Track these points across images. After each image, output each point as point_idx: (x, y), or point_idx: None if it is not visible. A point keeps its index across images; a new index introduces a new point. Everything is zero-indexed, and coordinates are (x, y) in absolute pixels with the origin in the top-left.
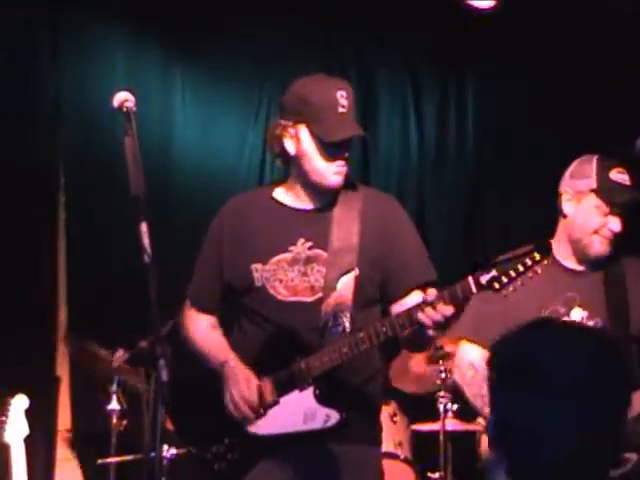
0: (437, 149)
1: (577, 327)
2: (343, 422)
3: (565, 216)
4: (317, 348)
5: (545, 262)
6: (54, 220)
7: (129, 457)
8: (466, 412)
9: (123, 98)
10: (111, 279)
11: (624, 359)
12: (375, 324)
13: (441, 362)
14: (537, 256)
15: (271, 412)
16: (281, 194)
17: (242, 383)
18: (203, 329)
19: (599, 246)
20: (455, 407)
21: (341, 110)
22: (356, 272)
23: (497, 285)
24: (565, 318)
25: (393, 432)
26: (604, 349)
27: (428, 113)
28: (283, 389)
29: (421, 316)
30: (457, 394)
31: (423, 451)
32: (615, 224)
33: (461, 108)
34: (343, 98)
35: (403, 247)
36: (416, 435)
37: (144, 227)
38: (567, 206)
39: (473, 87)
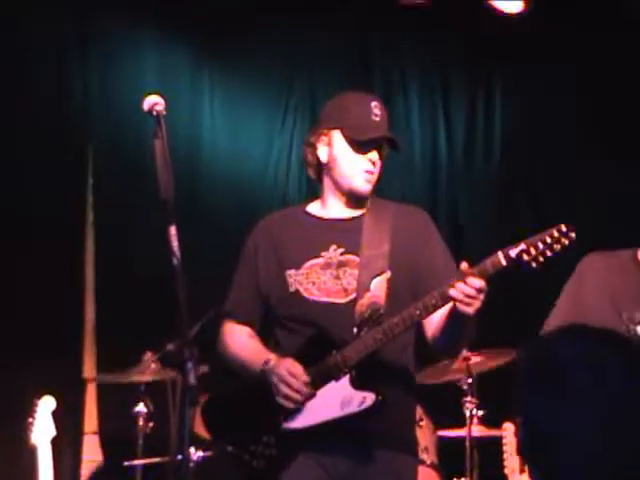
0: (465, 150)
1: (610, 336)
2: (379, 403)
3: None
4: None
5: (573, 235)
6: (82, 222)
7: (156, 459)
8: (492, 418)
9: (153, 101)
10: (139, 281)
11: None
12: (408, 308)
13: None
14: (564, 228)
15: (308, 405)
16: (313, 207)
17: (288, 365)
18: (240, 339)
19: None
20: (481, 413)
21: (374, 118)
22: (388, 275)
23: (526, 257)
24: None
25: (419, 437)
26: (635, 361)
27: (456, 115)
28: (320, 382)
29: (452, 291)
30: None
31: (449, 457)
32: None
33: (489, 109)
34: (377, 108)
35: (432, 258)
36: (442, 441)
37: (173, 230)
38: None
39: (501, 88)
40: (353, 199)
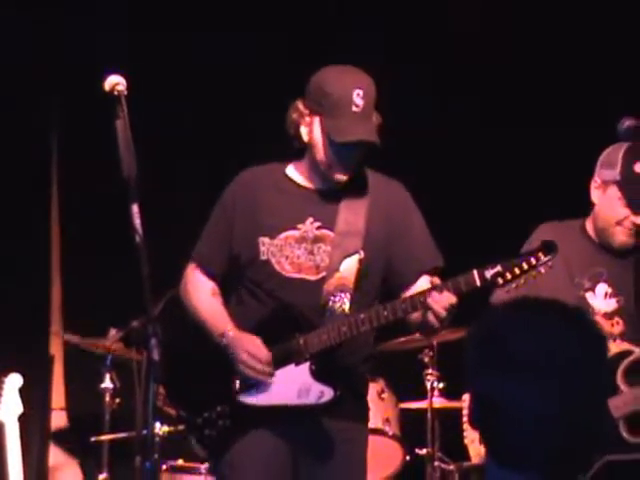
0: None
1: (552, 307)
2: (336, 399)
3: (593, 204)
4: (316, 326)
5: (550, 264)
6: (47, 199)
7: (122, 434)
8: (453, 390)
9: (114, 82)
10: (105, 260)
11: (602, 340)
12: (377, 307)
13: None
14: (542, 257)
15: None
16: (294, 172)
17: (248, 343)
18: (204, 296)
19: (622, 237)
20: (442, 385)
21: (354, 109)
22: (360, 255)
23: (500, 280)
24: (589, 292)
25: (381, 409)
26: (577, 330)
27: None
28: (279, 363)
29: (424, 302)
30: None
31: (411, 428)
32: (637, 218)
33: None
34: (359, 97)
35: (410, 233)
36: (404, 412)
37: (135, 208)
38: (595, 194)
39: None
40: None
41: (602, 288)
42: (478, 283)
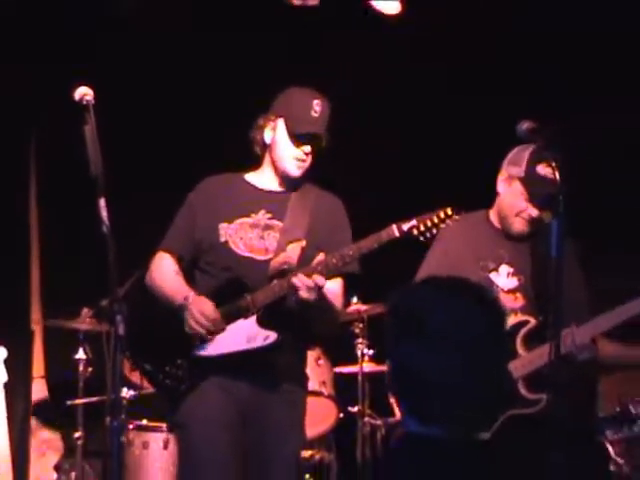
0: None
1: (462, 286)
2: (280, 341)
3: (498, 193)
4: None
5: (456, 217)
6: (26, 185)
7: (94, 399)
8: (380, 356)
9: (83, 92)
10: (79, 246)
11: (503, 316)
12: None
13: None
14: (449, 211)
15: (218, 337)
16: (251, 177)
17: (201, 303)
18: (167, 274)
19: (520, 226)
20: (371, 352)
21: (313, 114)
22: (302, 243)
23: (415, 232)
24: (494, 272)
25: (318, 373)
26: (480, 304)
27: None
28: (230, 318)
29: (294, 280)
30: None
31: (344, 389)
32: (533, 211)
33: None
34: (317, 106)
35: (339, 242)
36: (338, 376)
37: (102, 202)
38: (501, 186)
39: None
40: (286, 178)
41: (504, 269)
42: (397, 234)
